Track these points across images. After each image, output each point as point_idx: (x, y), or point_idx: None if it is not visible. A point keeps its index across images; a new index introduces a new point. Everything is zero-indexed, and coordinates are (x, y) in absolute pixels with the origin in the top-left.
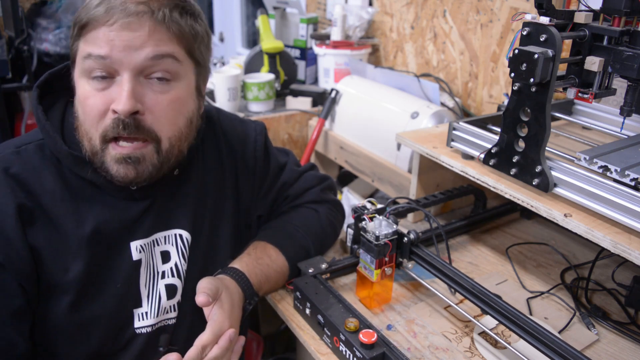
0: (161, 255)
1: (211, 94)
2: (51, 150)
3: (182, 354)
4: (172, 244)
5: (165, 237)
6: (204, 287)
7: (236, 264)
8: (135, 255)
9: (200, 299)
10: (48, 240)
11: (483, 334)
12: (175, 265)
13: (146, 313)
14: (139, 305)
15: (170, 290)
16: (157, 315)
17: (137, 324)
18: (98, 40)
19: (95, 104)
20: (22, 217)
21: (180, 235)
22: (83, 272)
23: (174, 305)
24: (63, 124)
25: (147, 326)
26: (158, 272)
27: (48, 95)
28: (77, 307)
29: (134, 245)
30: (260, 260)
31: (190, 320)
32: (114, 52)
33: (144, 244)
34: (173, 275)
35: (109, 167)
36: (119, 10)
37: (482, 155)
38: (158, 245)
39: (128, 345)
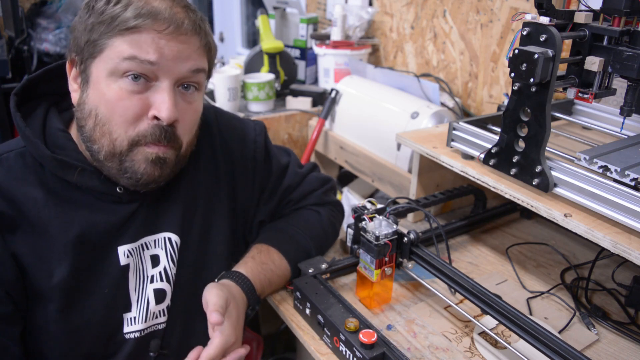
0: (151, 260)
1: (211, 94)
2: (33, 156)
3: (173, 359)
4: (162, 248)
5: (154, 240)
6: (216, 304)
7: (241, 268)
8: (123, 260)
9: (214, 319)
10: (31, 247)
11: (483, 334)
12: (164, 269)
13: (135, 318)
14: (129, 310)
15: (159, 294)
16: (146, 320)
17: (126, 329)
18: (144, 45)
19: (132, 106)
20: (1, 225)
21: (169, 239)
22: (68, 277)
23: (163, 310)
24: (45, 130)
25: (136, 331)
26: (147, 277)
27: (28, 101)
28: (65, 313)
29: (122, 250)
30: (265, 265)
31: (180, 325)
32: (162, 59)
33: (132, 249)
34: (162, 280)
35: (134, 166)
36: (170, 19)
37: (482, 155)
38: (147, 249)
39: (117, 350)
